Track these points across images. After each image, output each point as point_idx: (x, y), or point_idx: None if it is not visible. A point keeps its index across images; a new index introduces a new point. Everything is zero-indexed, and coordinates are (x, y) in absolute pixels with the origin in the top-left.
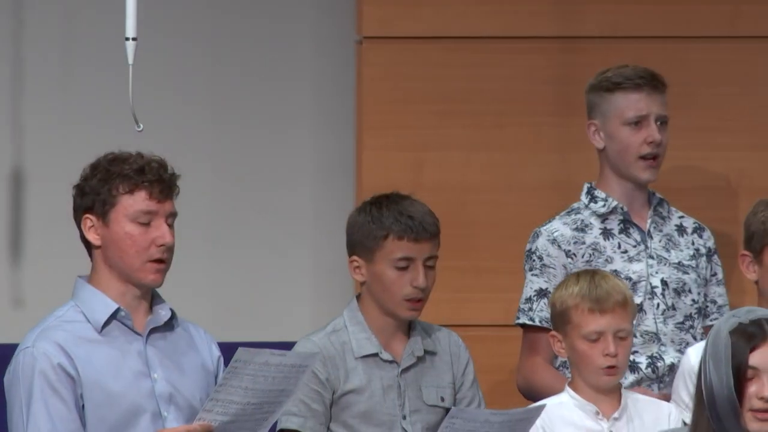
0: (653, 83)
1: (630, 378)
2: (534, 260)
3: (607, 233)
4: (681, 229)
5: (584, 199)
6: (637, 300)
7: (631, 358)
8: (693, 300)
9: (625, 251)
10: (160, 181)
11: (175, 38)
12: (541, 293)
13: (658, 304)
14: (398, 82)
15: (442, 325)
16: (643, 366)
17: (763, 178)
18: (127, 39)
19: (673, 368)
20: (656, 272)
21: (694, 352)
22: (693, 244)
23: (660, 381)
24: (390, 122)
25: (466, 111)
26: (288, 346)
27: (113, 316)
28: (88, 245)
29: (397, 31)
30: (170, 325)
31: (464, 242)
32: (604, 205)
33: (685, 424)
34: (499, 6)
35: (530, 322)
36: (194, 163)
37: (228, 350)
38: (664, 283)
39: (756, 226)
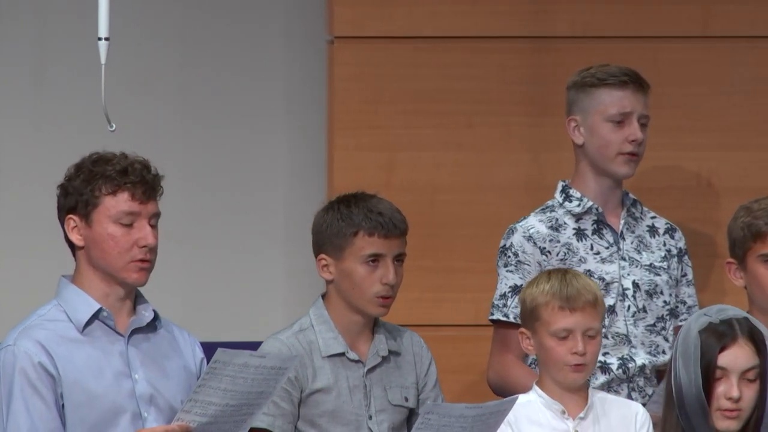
0: (638, 82)
1: (601, 379)
2: (509, 256)
3: (580, 234)
4: (653, 230)
5: (558, 197)
6: (610, 301)
7: (602, 359)
8: (665, 301)
9: (598, 252)
10: (143, 182)
11: (147, 38)
12: (516, 290)
13: (629, 306)
14: (369, 82)
15: (412, 326)
16: (614, 367)
17: (734, 178)
18: (100, 39)
19: (643, 369)
20: (628, 274)
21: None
22: (665, 245)
23: (630, 382)
24: (361, 122)
25: (438, 111)
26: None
27: (95, 316)
28: (72, 245)
29: (368, 31)
30: (153, 326)
31: (435, 242)
32: (579, 205)
33: None
34: (470, 6)
35: (504, 318)
36: (166, 163)
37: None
38: (635, 285)
39: (737, 233)
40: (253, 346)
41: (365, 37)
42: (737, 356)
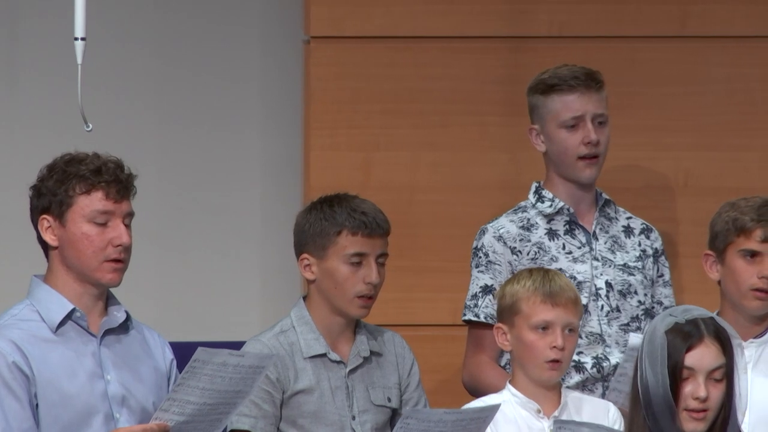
0: (587, 83)
1: (575, 378)
2: (480, 257)
3: (552, 234)
4: (628, 230)
5: (531, 198)
6: (582, 301)
7: (576, 358)
8: (639, 301)
9: (570, 252)
10: (116, 181)
11: (124, 38)
12: (487, 290)
13: (603, 306)
14: (346, 82)
15: (389, 325)
16: (588, 366)
17: (709, 177)
18: (76, 39)
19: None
20: (600, 274)
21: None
22: (640, 245)
23: (605, 381)
24: (337, 122)
25: (414, 111)
26: (237, 346)
27: (68, 316)
28: (45, 246)
29: (344, 30)
30: (125, 327)
31: (412, 242)
32: (550, 206)
33: None
34: (447, 6)
35: (475, 318)
36: (142, 163)
37: (177, 351)
38: (608, 285)
39: (720, 226)
40: (229, 346)
41: (342, 37)
42: (704, 356)
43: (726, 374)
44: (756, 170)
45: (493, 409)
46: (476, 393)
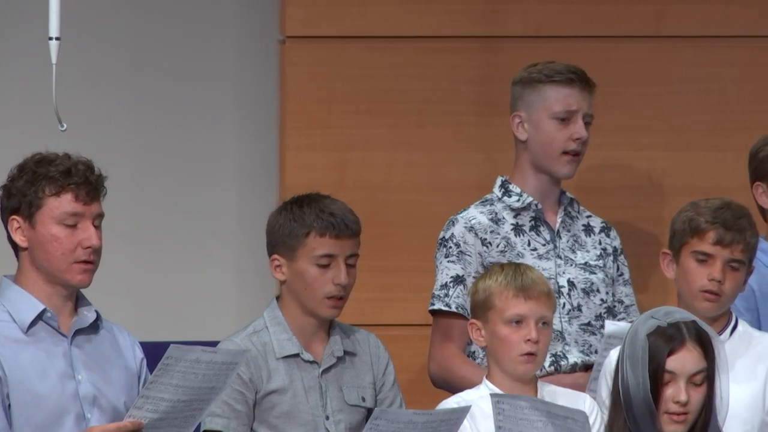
0: (584, 81)
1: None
2: (450, 247)
3: (518, 229)
4: (588, 229)
5: (497, 191)
6: None
7: None
8: (602, 299)
9: (535, 249)
10: (86, 183)
11: (98, 38)
12: (458, 280)
13: (564, 304)
14: (321, 82)
15: (364, 325)
16: (546, 364)
17: (685, 177)
18: (51, 38)
19: (575, 368)
20: (563, 272)
21: (617, 353)
22: (600, 243)
23: None
24: (313, 122)
25: (389, 111)
26: (212, 346)
27: (39, 316)
28: (15, 246)
29: (320, 30)
30: (95, 326)
31: (387, 242)
32: (518, 200)
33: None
34: (422, 6)
35: (446, 308)
36: (117, 163)
37: (152, 351)
38: (570, 283)
39: (678, 225)
40: (204, 345)
41: (317, 37)
42: (685, 360)
43: (707, 377)
44: (730, 170)
45: (464, 410)
46: (447, 385)
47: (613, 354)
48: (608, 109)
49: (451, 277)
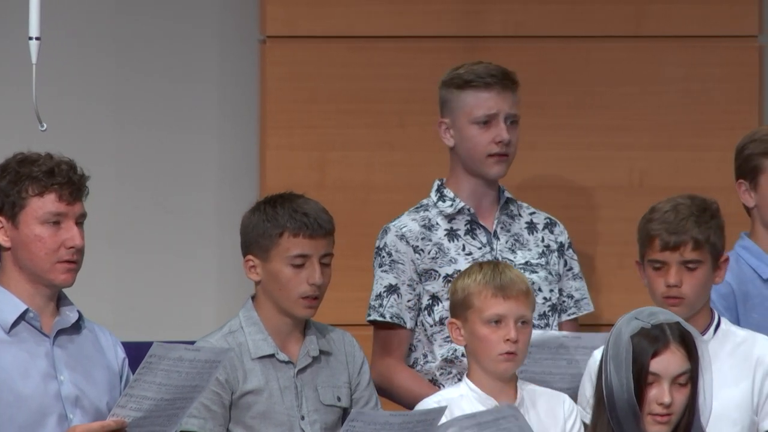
0: (504, 82)
1: None
2: (383, 256)
3: (452, 234)
4: (531, 227)
5: (433, 196)
6: None
7: None
8: (545, 298)
9: (470, 253)
10: (69, 183)
11: (79, 37)
12: (391, 289)
13: None
14: (302, 82)
15: (343, 325)
16: None
17: (665, 177)
18: (31, 38)
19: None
20: None
21: (600, 354)
22: (543, 240)
23: None
24: (293, 122)
25: (370, 110)
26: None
27: (21, 317)
28: None
29: (300, 30)
30: (77, 326)
31: (367, 242)
32: (451, 205)
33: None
34: (403, 5)
35: (381, 318)
36: (98, 163)
37: (133, 351)
38: None
39: (638, 234)
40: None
41: (298, 37)
42: (669, 362)
43: (690, 379)
44: (712, 170)
45: (440, 411)
46: (388, 395)
47: (597, 354)
48: (588, 109)
49: (385, 287)
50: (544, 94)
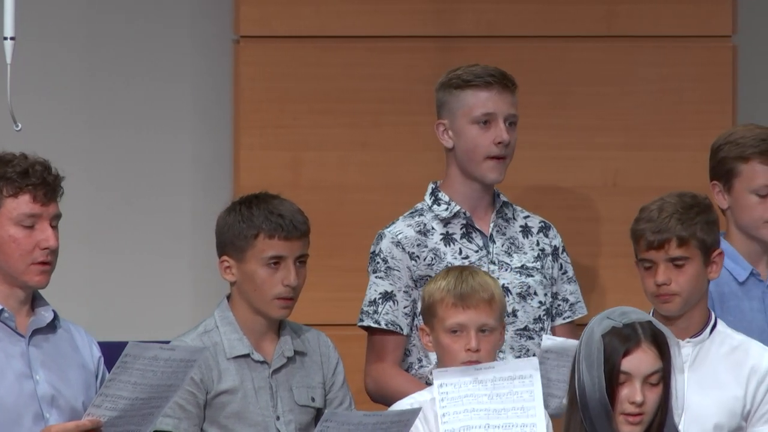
0: (503, 82)
1: None
2: (378, 262)
3: (448, 238)
4: (526, 230)
5: (428, 200)
6: None
7: None
8: (540, 302)
9: (467, 257)
10: (44, 184)
11: (53, 37)
12: (387, 296)
13: None
14: (275, 82)
15: (319, 325)
16: None
17: (639, 177)
18: (6, 38)
19: None
20: (498, 278)
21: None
22: (538, 244)
23: None
24: (267, 121)
25: (344, 110)
26: None
27: None
28: None
29: (274, 30)
30: (53, 326)
31: (342, 241)
32: (447, 209)
33: None
34: (376, 5)
35: (376, 325)
36: (72, 163)
37: (108, 351)
38: (505, 289)
39: (631, 234)
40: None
41: (271, 37)
42: (641, 361)
43: (662, 378)
44: (686, 170)
45: (414, 412)
46: (383, 401)
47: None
48: (562, 109)
49: (380, 293)
50: (517, 94)
